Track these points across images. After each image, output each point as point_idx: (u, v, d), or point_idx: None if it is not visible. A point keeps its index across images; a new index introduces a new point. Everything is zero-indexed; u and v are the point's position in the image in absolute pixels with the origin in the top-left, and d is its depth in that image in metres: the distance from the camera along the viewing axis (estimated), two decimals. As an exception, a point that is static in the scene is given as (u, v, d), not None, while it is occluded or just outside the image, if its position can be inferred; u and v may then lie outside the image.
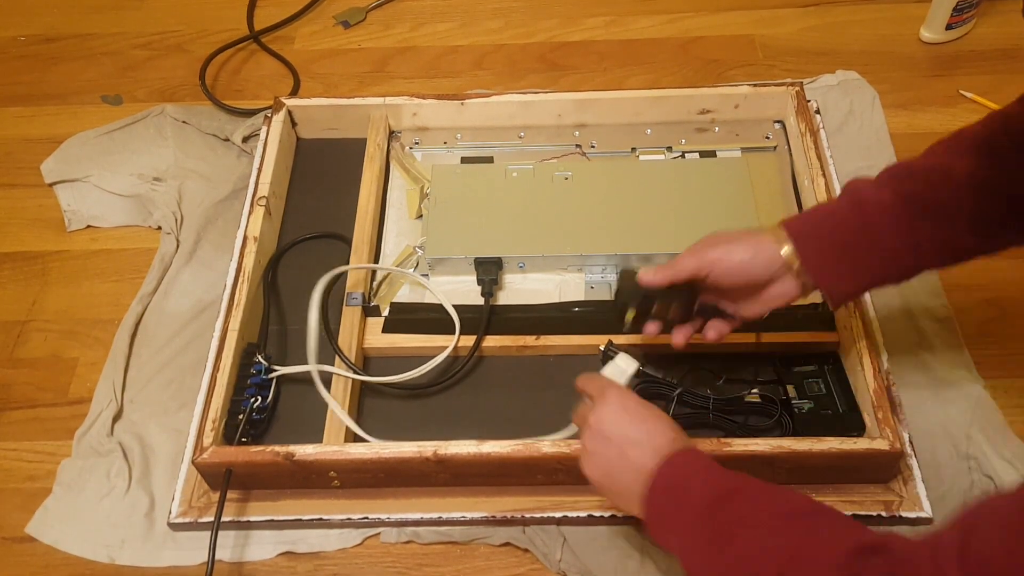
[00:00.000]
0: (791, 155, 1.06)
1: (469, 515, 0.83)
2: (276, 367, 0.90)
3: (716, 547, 0.62)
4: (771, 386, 0.89)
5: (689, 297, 0.80)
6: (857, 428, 0.85)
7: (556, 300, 0.96)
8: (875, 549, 0.56)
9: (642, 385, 0.88)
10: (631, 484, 0.69)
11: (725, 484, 0.65)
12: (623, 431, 0.70)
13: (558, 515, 0.83)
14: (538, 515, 0.83)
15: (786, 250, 0.76)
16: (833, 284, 0.76)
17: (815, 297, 0.94)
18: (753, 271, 0.77)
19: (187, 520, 0.83)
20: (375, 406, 0.90)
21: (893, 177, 0.75)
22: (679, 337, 0.82)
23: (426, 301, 0.96)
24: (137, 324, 0.99)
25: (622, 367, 0.80)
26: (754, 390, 0.88)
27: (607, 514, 0.82)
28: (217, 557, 0.79)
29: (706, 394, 0.87)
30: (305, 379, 0.89)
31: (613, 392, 0.73)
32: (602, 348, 0.90)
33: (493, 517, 0.83)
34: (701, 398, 0.87)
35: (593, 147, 1.08)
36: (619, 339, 0.90)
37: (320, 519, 0.83)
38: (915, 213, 0.73)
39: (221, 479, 0.81)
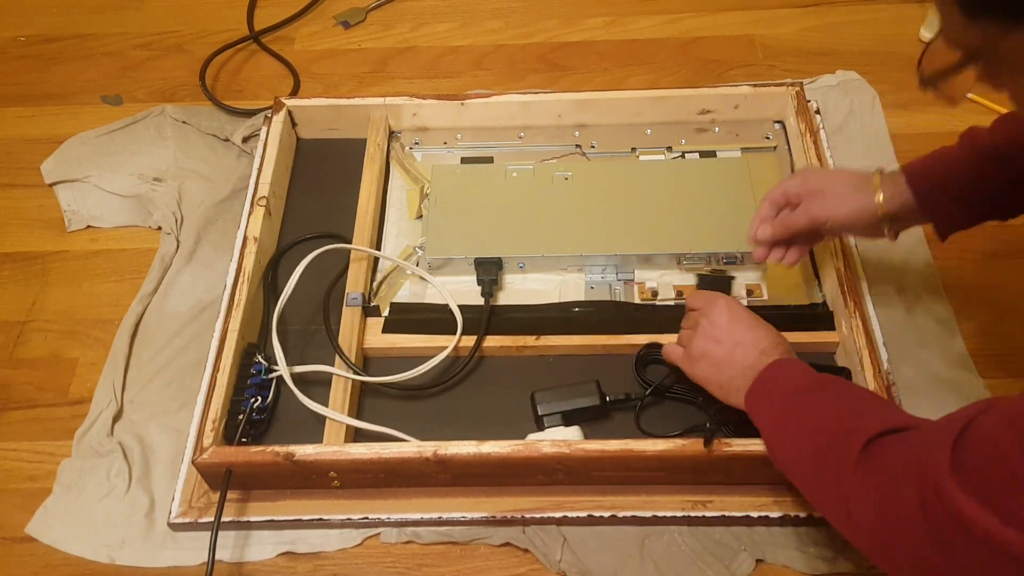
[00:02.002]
0: (791, 155, 1.06)
1: (469, 515, 0.83)
2: (276, 367, 0.90)
3: (781, 425, 0.72)
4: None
5: None
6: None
7: (556, 300, 0.96)
8: (898, 429, 0.63)
9: (640, 396, 0.88)
10: (735, 379, 0.78)
11: (813, 380, 0.74)
12: (733, 334, 0.80)
13: (558, 515, 0.83)
14: (538, 515, 0.83)
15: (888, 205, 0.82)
16: (947, 224, 0.83)
17: (815, 296, 0.94)
18: (858, 224, 0.85)
19: (187, 520, 0.83)
20: (375, 406, 0.90)
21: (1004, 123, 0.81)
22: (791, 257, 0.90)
23: (426, 301, 0.96)
24: (137, 324, 0.99)
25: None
26: None
27: (607, 514, 0.82)
28: (217, 557, 0.79)
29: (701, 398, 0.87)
30: (305, 379, 0.90)
31: (723, 301, 0.82)
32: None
33: (493, 517, 0.83)
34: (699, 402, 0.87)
35: (593, 147, 1.08)
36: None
37: (320, 519, 0.83)
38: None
39: (221, 479, 0.81)
